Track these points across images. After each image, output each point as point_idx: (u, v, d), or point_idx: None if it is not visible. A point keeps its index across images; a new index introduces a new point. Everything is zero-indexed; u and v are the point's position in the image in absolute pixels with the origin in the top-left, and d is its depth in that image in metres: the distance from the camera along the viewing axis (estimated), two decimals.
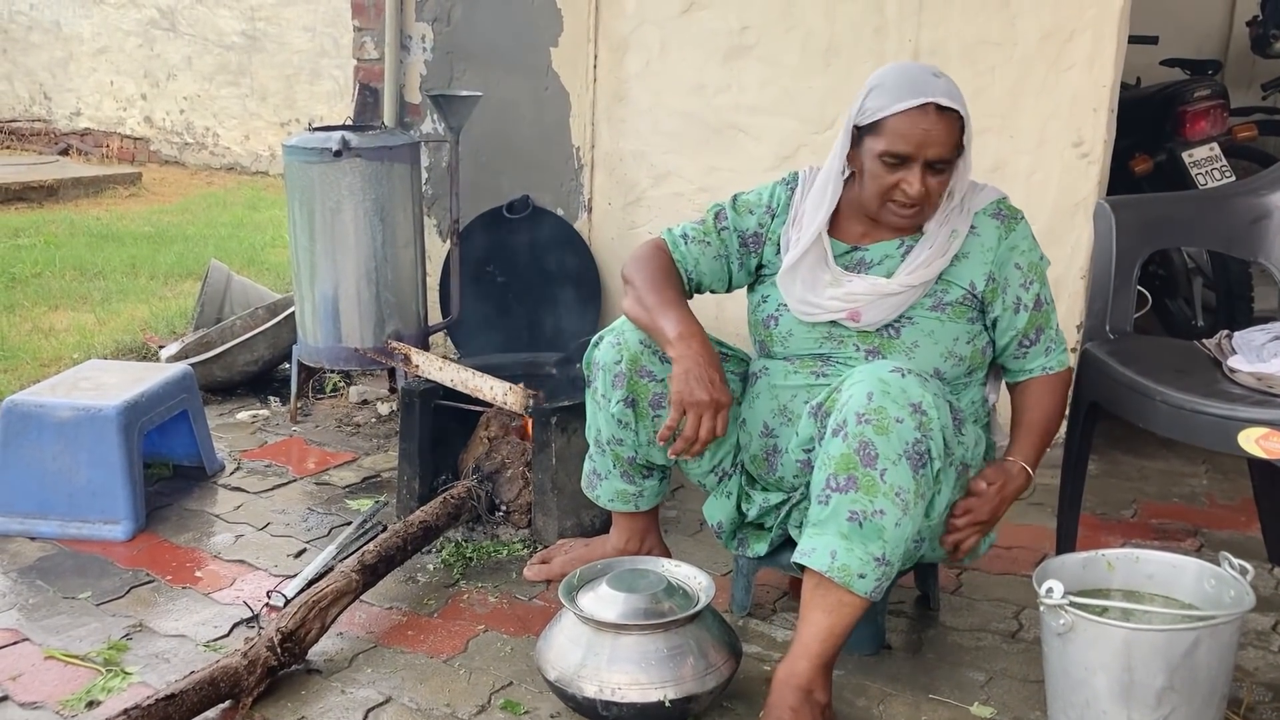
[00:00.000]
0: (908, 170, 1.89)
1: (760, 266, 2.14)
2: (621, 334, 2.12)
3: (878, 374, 1.79)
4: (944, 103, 1.87)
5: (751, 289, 2.17)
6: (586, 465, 2.30)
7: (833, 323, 2.00)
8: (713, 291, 2.20)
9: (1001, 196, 2.03)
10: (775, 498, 2.09)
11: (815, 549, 1.78)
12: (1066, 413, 2.16)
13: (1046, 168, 3.02)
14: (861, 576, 1.75)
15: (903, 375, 1.78)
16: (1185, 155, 3.56)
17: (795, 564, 1.83)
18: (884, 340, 1.98)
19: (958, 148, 1.91)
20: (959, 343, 1.98)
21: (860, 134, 1.94)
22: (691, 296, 2.18)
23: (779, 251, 2.09)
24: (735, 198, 2.16)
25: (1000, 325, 2.01)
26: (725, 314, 2.60)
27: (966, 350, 1.99)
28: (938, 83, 1.90)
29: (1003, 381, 2.12)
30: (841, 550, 1.76)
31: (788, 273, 2.02)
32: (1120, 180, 3.40)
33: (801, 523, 1.97)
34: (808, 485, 1.91)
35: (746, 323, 2.18)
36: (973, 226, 1.99)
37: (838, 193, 2.02)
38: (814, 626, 1.80)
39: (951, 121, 1.89)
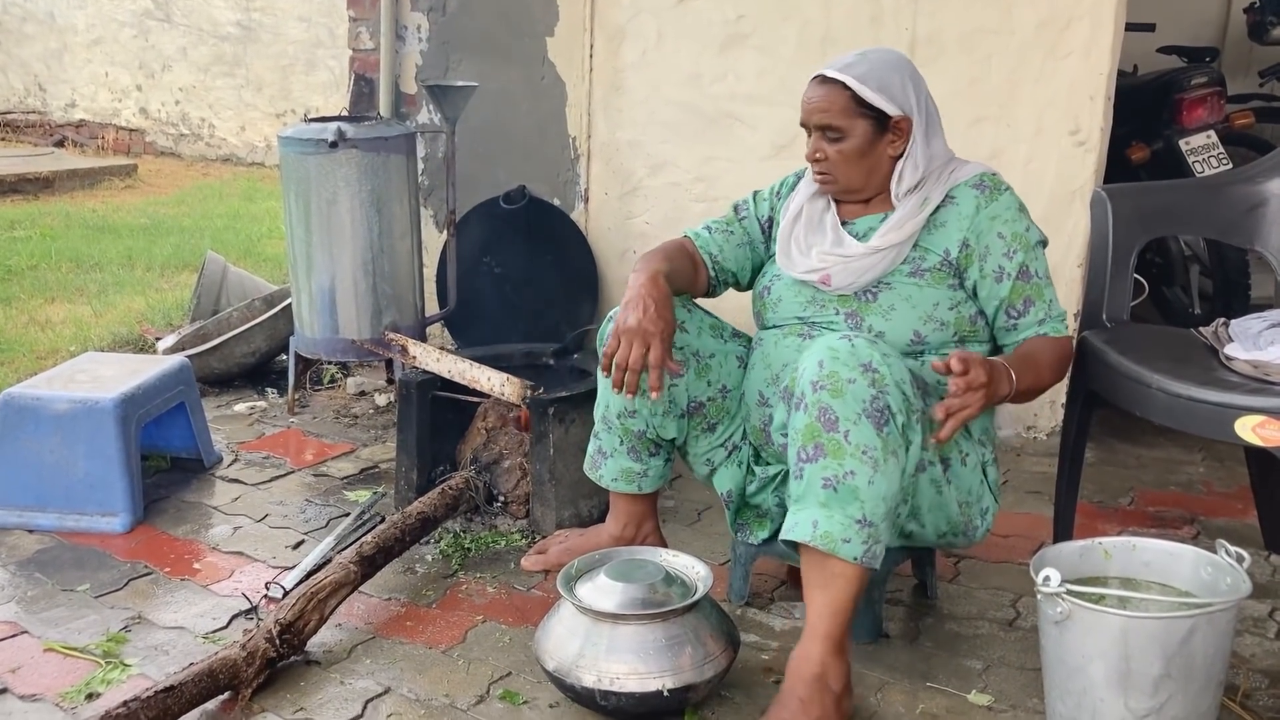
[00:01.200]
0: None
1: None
2: None
3: (827, 343, 1.82)
4: (827, 73, 1.99)
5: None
6: (591, 446, 2.31)
7: (815, 288, 2.05)
8: (738, 285, 2.26)
9: (986, 171, 2.05)
10: (773, 470, 2.12)
11: (798, 523, 1.80)
12: (1062, 385, 2.14)
13: (1043, 156, 3.01)
14: (846, 541, 1.76)
15: (851, 341, 1.81)
16: (1182, 143, 3.56)
17: (783, 542, 1.85)
18: (861, 304, 2.01)
19: (857, 119, 1.98)
20: (939, 308, 1.99)
21: None
22: (717, 292, 2.25)
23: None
24: (755, 192, 2.26)
25: (982, 294, 2.02)
26: (725, 303, 2.60)
27: (949, 316, 2.00)
28: (842, 59, 2.01)
29: None
30: (822, 519, 1.78)
31: (788, 225, 2.10)
32: (1117, 168, 3.40)
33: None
34: None
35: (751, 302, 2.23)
36: (953, 198, 2.02)
37: None
38: (815, 605, 1.81)
39: (834, 90, 1.98)
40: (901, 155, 2.01)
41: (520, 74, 3.62)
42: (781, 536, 1.84)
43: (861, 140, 1.99)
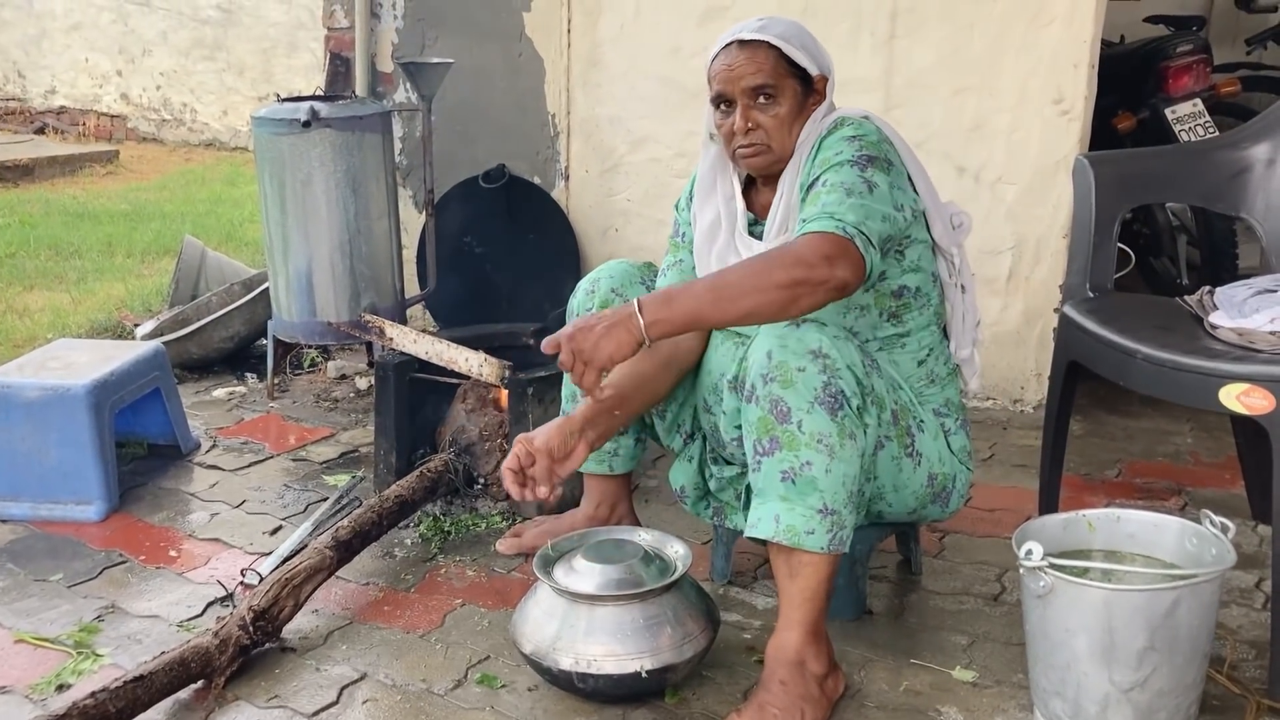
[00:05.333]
0: (734, 111, 1.90)
1: None
2: (596, 280, 2.13)
3: (774, 331, 1.76)
4: (746, 36, 1.89)
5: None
6: None
7: None
8: None
9: (844, 116, 1.90)
10: (730, 471, 2.07)
11: (760, 518, 1.76)
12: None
13: (1027, 126, 2.97)
14: (810, 533, 1.73)
15: (798, 325, 1.75)
16: (1168, 112, 3.52)
17: (749, 538, 1.80)
18: None
19: (787, 79, 1.88)
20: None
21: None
22: None
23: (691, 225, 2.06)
24: (677, 208, 2.15)
25: None
26: None
27: (866, 298, 1.89)
28: (751, 24, 1.90)
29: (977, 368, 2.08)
30: (784, 512, 1.74)
31: (703, 246, 1.99)
32: (1104, 138, 3.36)
33: None
34: None
35: None
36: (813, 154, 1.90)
37: (727, 162, 1.99)
38: (786, 594, 1.78)
39: (759, 50, 1.88)
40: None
41: (498, 50, 3.57)
42: (746, 534, 1.80)
43: (794, 102, 1.90)
